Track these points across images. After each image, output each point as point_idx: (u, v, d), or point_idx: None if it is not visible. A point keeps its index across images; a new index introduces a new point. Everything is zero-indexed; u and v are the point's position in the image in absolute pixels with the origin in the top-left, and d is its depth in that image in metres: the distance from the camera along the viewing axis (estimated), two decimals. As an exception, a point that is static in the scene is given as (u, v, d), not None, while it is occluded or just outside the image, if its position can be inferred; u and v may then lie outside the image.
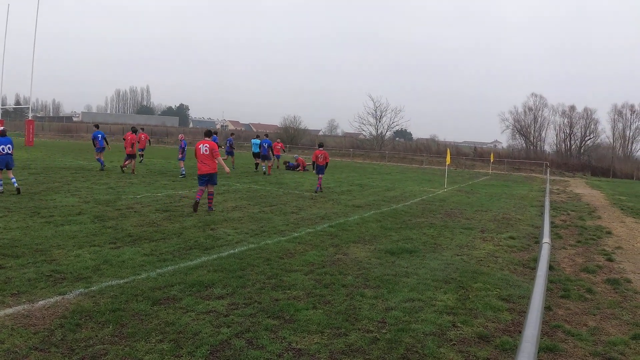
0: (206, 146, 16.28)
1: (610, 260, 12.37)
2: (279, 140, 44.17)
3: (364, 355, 6.09)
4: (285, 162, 39.74)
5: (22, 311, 6.98)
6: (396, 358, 6.05)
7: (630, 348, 6.88)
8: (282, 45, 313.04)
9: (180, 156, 27.97)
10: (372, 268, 10.13)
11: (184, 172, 27.68)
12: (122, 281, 8.45)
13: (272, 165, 34.88)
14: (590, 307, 8.61)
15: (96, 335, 6.30)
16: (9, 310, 6.95)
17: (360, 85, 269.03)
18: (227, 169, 16.57)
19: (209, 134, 17.01)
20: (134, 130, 29.30)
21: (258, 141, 34.27)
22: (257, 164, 34.90)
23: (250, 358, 5.84)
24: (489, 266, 10.91)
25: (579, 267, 11.46)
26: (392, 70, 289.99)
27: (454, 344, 6.60)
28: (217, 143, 18.68)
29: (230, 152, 36.11)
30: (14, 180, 17.78)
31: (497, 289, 9.13)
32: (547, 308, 8.31)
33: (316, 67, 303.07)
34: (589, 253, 13.12)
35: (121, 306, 7.29)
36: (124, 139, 29.06)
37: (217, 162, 16.39)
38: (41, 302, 7.33)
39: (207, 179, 16.42)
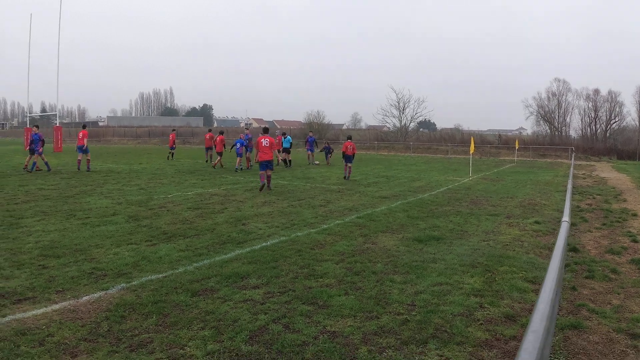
0: (267, 140, 21.55)
1: (635, 241, 12.45)
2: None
3: (395, 336, 6.40)
4: (323, 149, 41.12)
5: (69, 306, 7.36)
6: (426, 337, 6.34)
7: (654, 324, 7.07)
8: (304, 42, 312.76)
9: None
10: (400, 255, 10.42)
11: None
12: (161, 275, 8.83)
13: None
14: (614, 287, 8.78)
15: (141, 326, 6.68)
16: (55, 306, 7.34)
17: (383, 79, 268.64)
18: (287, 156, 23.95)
19: (266, 130, 22.78)
20: (221, 132, 34.09)
21: (290, 138, 37.40)
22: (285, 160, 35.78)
23: (287, 341, 6.18)
24: (514, 250, 11.12)
25: (604, 249, 11.61)
26: (415, 63, 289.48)
27: (482, 324, 6.87)
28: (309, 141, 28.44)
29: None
30: None
31: (523, 272, 9.35)
32: (572, 288, 8.55)
33: (338, 62, 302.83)
34: (614, 235, 13.25)
35: (162, 298, 7.67)
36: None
37: (273, 152, 21.83)
38: (85, 298, 7.71)
39: (266, 165, 21.41)
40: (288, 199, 18.50)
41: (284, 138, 37.42)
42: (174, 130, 47.29)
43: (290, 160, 35.97)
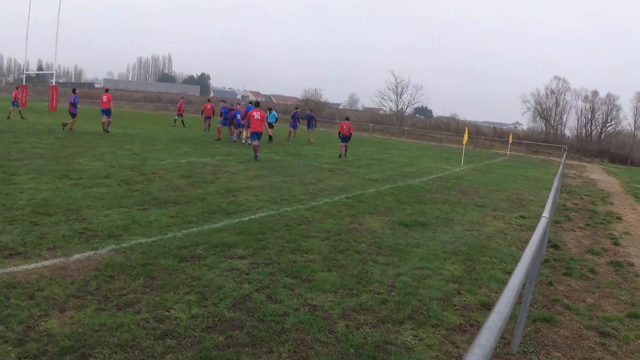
0: (258, 113, 24.11)
1: (616, 244, 12.66)
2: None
3: (373, 314, 6.63)
4: (305, 116, 41.00)
5: (59, 263, 7.55)
6: (403, 317, 6.57)
7: (624, 325, 7.28)
8: (305, 16, 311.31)
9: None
10: (385, 237, 10.63)
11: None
12: (150, 239, 9.02)
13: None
14: (590, 286, 9.01)
15: (129, 286, 6.89)
16: (46, 262, 7.53)
17: (382, 60, 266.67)
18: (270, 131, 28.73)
19: (257, 104, 26.34)
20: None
21: (275, 113, 36.42)
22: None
23: (269, 310, 6.42)
24: (497, 242, 11.34)
25: (585, 249, 11.83)
26: (416, 49, 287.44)
27: (457, 309, 7.11)
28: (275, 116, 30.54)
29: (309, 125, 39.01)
30: None
31: (503, 263, 9.57)
32: (548, 283, 8.79)
33: (339, 42, 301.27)
34: (596, 236, 13.47)
35: (150, 261, 7.87)
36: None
37: (263, 124, 24.37)
38: (76, 256, 7.91)
39: (257, 135, 23.76)
40: (280, 174, 18.65)
41: (269, 113, 35.32)
42: (182, 97, 48.25)
43: (270, 136, 34.15)
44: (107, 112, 30.51)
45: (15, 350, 5.05)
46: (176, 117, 43.97)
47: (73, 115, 29.42)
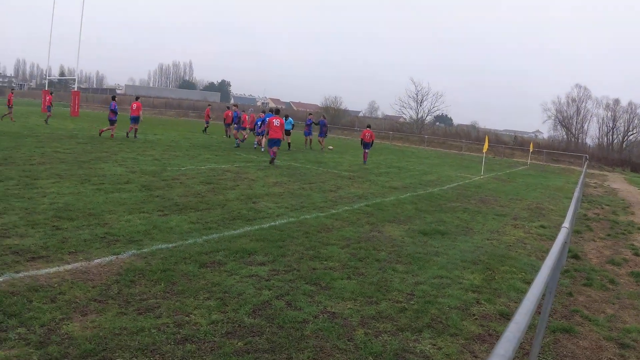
0: (277, 120, 24.63)
1: (637, 254, 12.55)
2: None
3: (392, 322, 6.64)
4: (318, 122, 39.52)
5: (80, 267, 7.63)
6: (422, 326, 6.58)
7: (644, 336, 7.24)
8: (325, 24, 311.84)
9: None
10: (404, 246, 10.63)
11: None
12: (171, 245, 9.09)
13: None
14: (610, 297, 8.94)
15: (149, 291, 6.96)
16: (67, 266, 7.61)
17: (402, 68, 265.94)
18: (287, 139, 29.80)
19: (277, 111, 27.19)
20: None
21: (291, 120, 35.61)
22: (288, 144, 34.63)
23: (289, 317, 6.45)
24: (517, 251, 11.30)
25: (605, 259, 11.75)
26: (436, 54, 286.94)
27: (476, 319, 7.09)
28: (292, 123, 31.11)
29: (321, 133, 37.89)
30: None
31: (523, 273, 9.54)
32: (568, 294, 8.74)
33: (359, 48, 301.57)
34: (617, 246, 13.38)
35: (171, 267, 7.94)
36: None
37: (282, 132, 25.07)
38: (97, 260, 7.99)
39: (275, 142, 24.38)
40: (299, 182, 18.72)
41: (285, 120, 34.22)
42: (209, 105, 48.61)
43: (289, 144, 34.23)
44: (135, 119, 31.09)
45: (36, 352, 5.11)
46: (206, 125, 44.29)
47: (112, 122, 30.05)
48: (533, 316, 3.08)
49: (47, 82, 73.64)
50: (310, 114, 39.05)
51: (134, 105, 31.41)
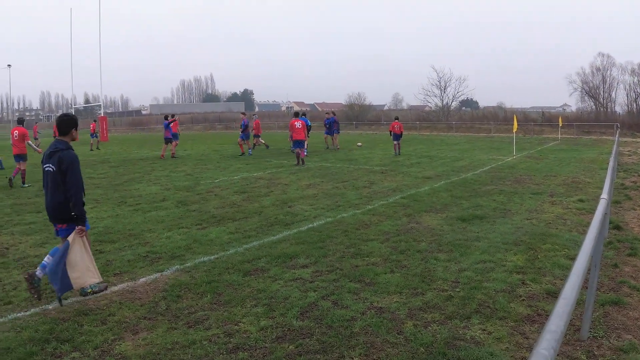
0: (299, 122, 25.74)
1: (681, 218, 12.41)
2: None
3: (439, 311, 6.65)
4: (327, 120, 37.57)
5: (127, 288, 7.79)
6: (469, 312, 6.57)
7: (695, 300, 7.15)
8: (343, 22, 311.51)
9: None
10: (444, 234, 10.62)
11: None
12: (212, 257, 9.21)
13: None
14: (656, 264, 8.87)
15: (196, 304, 7.06)
16: (114, 288, 7.77)
17: (423, 58, 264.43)
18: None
19: (297, 114, 27.84)
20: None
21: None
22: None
23: (336, 316, 6.49)
24: (557, 228, 11.19)
25: (648, 227, 11.64)
26: (454, 37, 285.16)
27: (523, 300, 7.06)
28: (308, 123, 29.59)
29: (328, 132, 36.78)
30: None
31: (565, 249, 9.45)
32: (613, 265, 8.62)
33: (379, 41, 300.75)
34: (658, 213, 13.23)
35: (215, 278, 8.04)
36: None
37: (304, 133, 26.11)
38: (142, 279, 8.13)
39: (298, 143, 25.64)
40: (332, 181, 18.76)
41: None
42: (254, 114, 48.97)
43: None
44: (175, 136, 31.56)
45: (93, 375, 5.23)
46: (262, 141, 43.94)
47: (168, 141, 30.54)
48: (580, 291, 3.08)
49: (73, 110, 74.51)
50: (327, 113, 38.23)
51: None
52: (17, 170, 19.74)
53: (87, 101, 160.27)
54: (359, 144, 39.11)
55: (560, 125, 53.23)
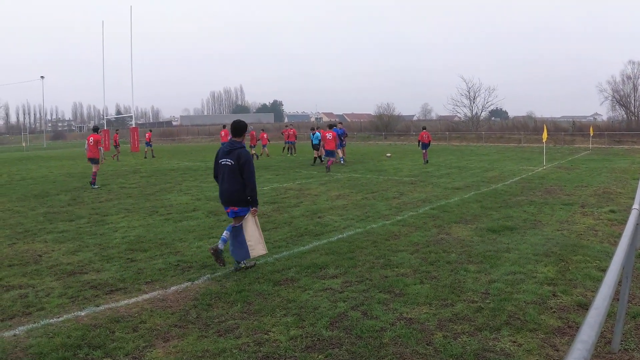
0: (330, 134, 28.56)
1: None
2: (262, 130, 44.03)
3: (469, 322, 6.63)
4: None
5: (158, 296, 7.88)
6: (499, 324, 6.54)
7: None
8: (372, 33, 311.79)
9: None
10: (474, 245, 10.58)
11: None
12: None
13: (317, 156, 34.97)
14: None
15: (227, 313, 7.12)
16: (145, 296, 7.87)
17: (452, 68, 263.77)
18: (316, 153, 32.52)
19: (330, 126, 29.83)
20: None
21: (318, 134, 33.29)
22: (314, 157, 33.64)
23: (366, 326, 6.50)
24: (588, 240, 11.09)
25: (682, 237, 11.49)
26: (483, 46, 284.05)
27: (554, 312, 7.00)
28: (338, 133, 30.66)
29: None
30: None
31: (597, 261, 9.36)
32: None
33: (405, 49, 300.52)
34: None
35: (245, 287, 8.10)
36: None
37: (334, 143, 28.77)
38: (173, 288, 8.23)
39: (330, 153, 28.73)
40: (361, 192, 18.77)
41: (312, 134, 35.02)
42: (290, 124, 49.44)
43: (315, 158, 33.51)
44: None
45: (124, 381, 5.30)
46: (289, 146, 44.37)
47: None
48: (612, 303, 3.08)
49: (105, 121, 75.48)
50: (340, 123, 37.69)
51: (222, 133, 37.38)
52: (95, 175, 22.47)
53: (118, 112, 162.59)
54: (388, 154, 39.03)
55: (591, 134, 52.63)
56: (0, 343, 6.22)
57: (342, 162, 32.16)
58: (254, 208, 9.06)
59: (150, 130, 46.84)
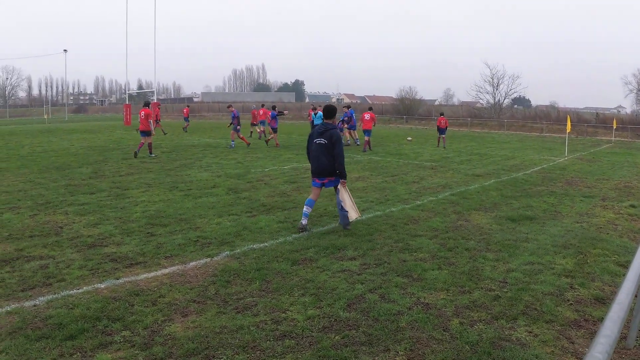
0: (368, 115, 29.12)
1: None
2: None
3: (486, 310, 6.65)
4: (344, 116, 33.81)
5: (177, 271, 7.97)
6: (516, 313, 6.56)
7: None
8: (396, 12, 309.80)
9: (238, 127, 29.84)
10: (493, 233, 10.58)
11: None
12: (262, 245, 9.35)
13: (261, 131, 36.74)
14: None
15: (245, 290, 7.19)
16: (165, 270, 7.96)
17: (474, 50, 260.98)
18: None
19: (370, 109, 30.93)
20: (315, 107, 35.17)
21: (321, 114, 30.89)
22: None
23: (383, 310, 6.54)
24: (608, 233, 11.05)
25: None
26: (509, 38, 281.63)
27: (571, 304, 7.00)
28: (350, 115, 32.30)
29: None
30: None
31: (616, 255, 9.33)
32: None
33: (432, 35, 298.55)
34: None
35: (264, 266, 8.17)
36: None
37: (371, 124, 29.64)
38: (192, 263, 8.31)
39: (367, 132, 29.28)
40: (381, 175, 18.77)
41: (314, 114, 31.73)
42: (312, 105, 49.02)
43: None
44: (263, 123, 36.75)
45: (142, 354, 5.37)
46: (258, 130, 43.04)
47: (275, 130, 31.31)
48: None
49: (127, 96, 75.76)
50: (345, 106, 35.97)
51: (261, 111, 37.19)
52: (142, 144, 24.41)
53: (140, 87, 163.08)
54: (409, 138, 38.94)
55: (615, 127, 52.09)
56: (20, 313, 6.32)
57: (357, 143, 32.33)
58: (343, 180, 10.73)
59: (188, 106, 47.01)
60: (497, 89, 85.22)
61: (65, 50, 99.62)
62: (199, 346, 5.51)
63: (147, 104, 26.41)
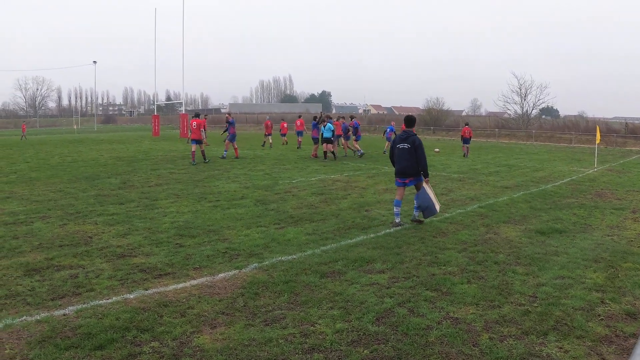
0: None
1: None
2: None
3: (516, 325, 6.59)
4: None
5: (206, 282, 8.01)
6: (547, 329, 6.48)
7: None
8: (425, 24, 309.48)
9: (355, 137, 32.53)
10: (522, 247, 10.48)
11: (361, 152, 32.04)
12: (290, 257, 9.37)
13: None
14: None
15: (274, 302, 7.20)
16: (193, 282, 8.01)
17: (504, 63, 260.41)
18: (328, 147, 29.86)
19: (352, 117, 32.46)
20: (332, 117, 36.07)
21: (331, 125, 29.79)
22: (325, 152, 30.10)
23: (412, 324, 6.51)
24: (639, 247, 10.94)
25: None
26: (538, 47, 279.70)
27: (602, 319, 6.91)
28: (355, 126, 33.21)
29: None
30: None
31: (647, 269, 9.25)
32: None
33: (455, 41, 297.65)
34: None
35: (293, 278, 8.17)
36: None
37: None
38: (221, 275, 8.34)
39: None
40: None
41: (324, 127, 29.95)
42: (342, 117, 48.53)
43: (333, 152, 30.17)
44: (300, 133, 41.38)
45: (171, 365, 5.41)
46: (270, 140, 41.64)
47: (315, 141, 31.41)
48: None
49: (155, 107, 76.58)
50: (346, 117, 35.17)
51: (298, 122, 42.54)
52: (194, 154, 26.44)
53: (168, 98, 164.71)
54: (437, 149, 38.83)
55: (645, 138, 51.44)
56: (50, 321, 6.40)
57: (359, 154, 32.20)
58: (426, 178, 12.49)
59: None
60: (524, 99, 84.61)
61: (94, 61, 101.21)
62: (227, 358, 5.54)
63: (197, 115, 28.14)
